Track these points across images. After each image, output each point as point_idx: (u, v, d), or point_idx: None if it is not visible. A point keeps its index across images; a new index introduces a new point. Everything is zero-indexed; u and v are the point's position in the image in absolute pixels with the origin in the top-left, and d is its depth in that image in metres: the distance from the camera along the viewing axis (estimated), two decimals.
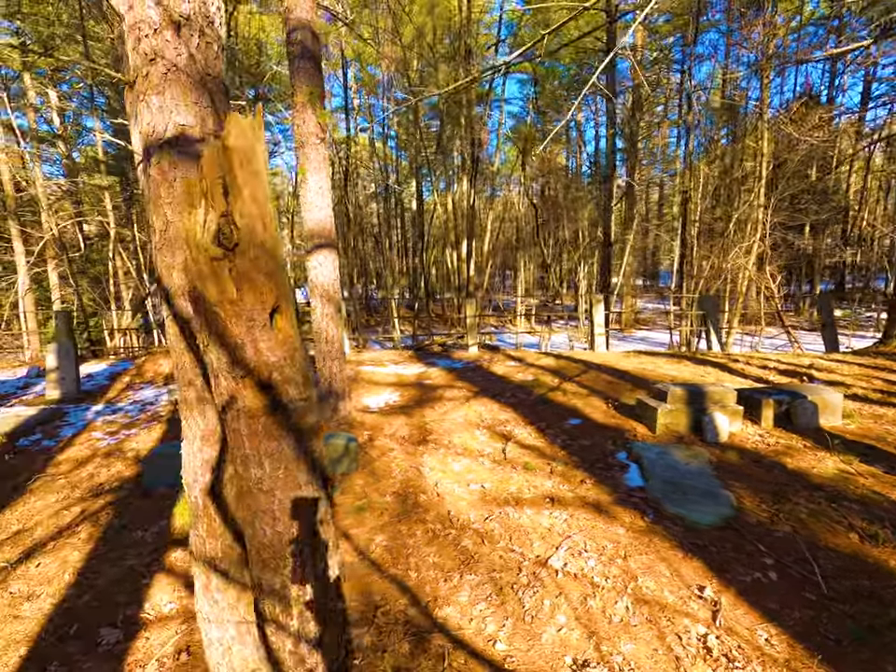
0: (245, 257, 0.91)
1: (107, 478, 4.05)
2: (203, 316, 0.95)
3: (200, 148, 1.24)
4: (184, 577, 2.86)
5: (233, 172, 0.86)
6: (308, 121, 3.97)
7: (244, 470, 1.05)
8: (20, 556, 3.05)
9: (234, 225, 0.89)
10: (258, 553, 1.13)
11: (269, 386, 0.99)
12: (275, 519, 1.08)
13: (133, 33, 1.18)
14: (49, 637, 2.43)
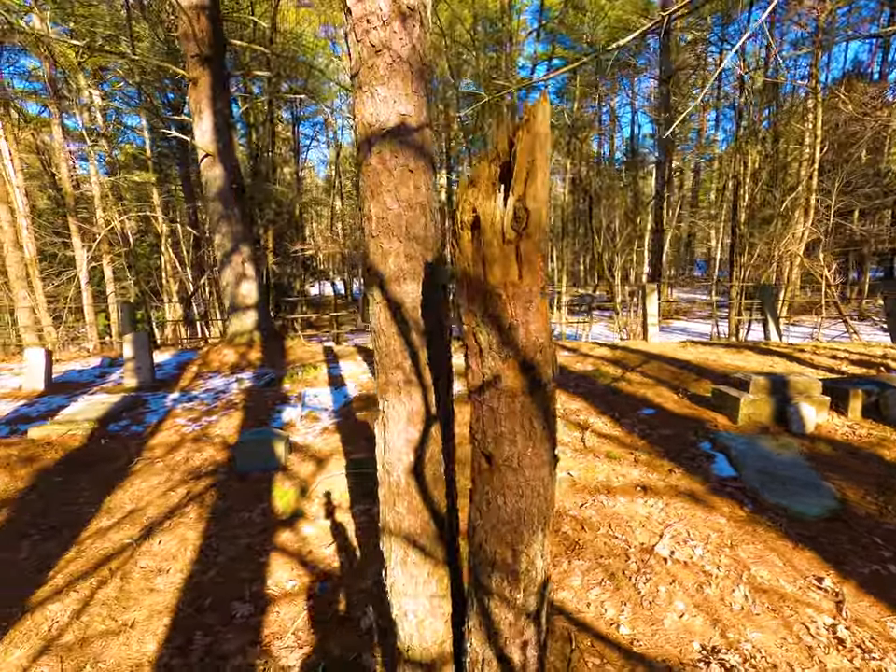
0: (531, 240, 0.93)
1: (201, 462, 4.22)
2: (479, 298, 0.98)
3: (418, 138, 1.27)
4: (297, 556, 2.98)
5: (534, 157, 0.89)
6: None
7: (494, 448, 1.09)
8: (140, 534, 3.22)
9: (526, 209, 0.91)
10: (493, 529, 1.17)
11: (531, 367, 1.02)
12: (521, 496, 1.12)
13: (360, 25, 1.21)
14: (186, 609, 2.58)
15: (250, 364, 7.23)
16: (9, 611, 2.58)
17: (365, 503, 3.51)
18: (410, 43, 1.21)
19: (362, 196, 1.31)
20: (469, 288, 1.00)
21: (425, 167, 1.29)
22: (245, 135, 17.36)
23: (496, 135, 0.92)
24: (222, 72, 7.22)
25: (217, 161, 7.19)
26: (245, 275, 7.63)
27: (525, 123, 0.88)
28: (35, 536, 3.25)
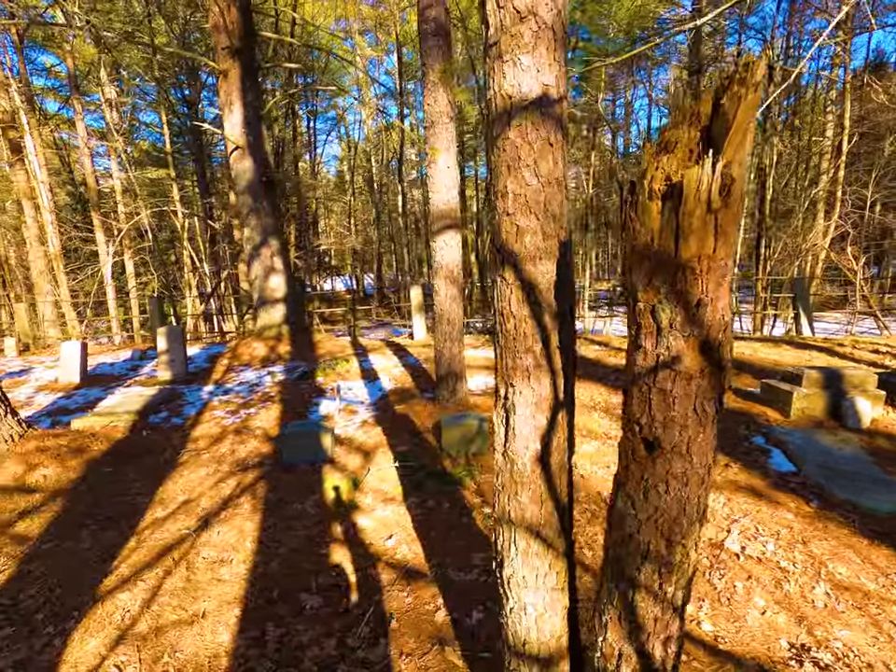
0: (730, 210, 0.87)
1: (247, 454, 4.21)
2: (664, 274, 0.93)
3: (558, 109, 1.21)
4: (358, 548, 2.95)
5: (748, 117, 0.82)
6: (440, 100, 3.94)
7: (663, 433, 1.03)
8: (198, 525, 3.22)
9: (731, 176, 0.85)
10: (649, 519, 1.11)
11: (713, 347, 0.96)
12: (685, 483, 1.06)
13: None
14: (256, 600, 2.56)
15: (280, 357, 7.23)
16: (80, 600, 2.57)
17: (418, 496, 3.48)
18: (556, 9, 1.15)
19: (495, 172, 1.25)
20: (651, 263, 0.94)
21: (562, 141, 1.23)
22: (267, 130, 17.31)
23: (696, 99, 0.86)
24: (252, 64, 7.18)
25: (247, 153, 7.16)
26: (274, 269, 7.62)
27: (742, 80, 0.81)
28: (92, 526, 3.26)
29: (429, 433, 4.42)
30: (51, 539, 3.12)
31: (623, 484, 1.17)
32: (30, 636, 2.38)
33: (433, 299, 4.44)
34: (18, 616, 2.51)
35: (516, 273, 1.27)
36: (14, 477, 3.67)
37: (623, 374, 4.01)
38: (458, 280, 4.34)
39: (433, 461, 3.92)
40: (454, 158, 4.12)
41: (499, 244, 1.29)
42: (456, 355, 4.56)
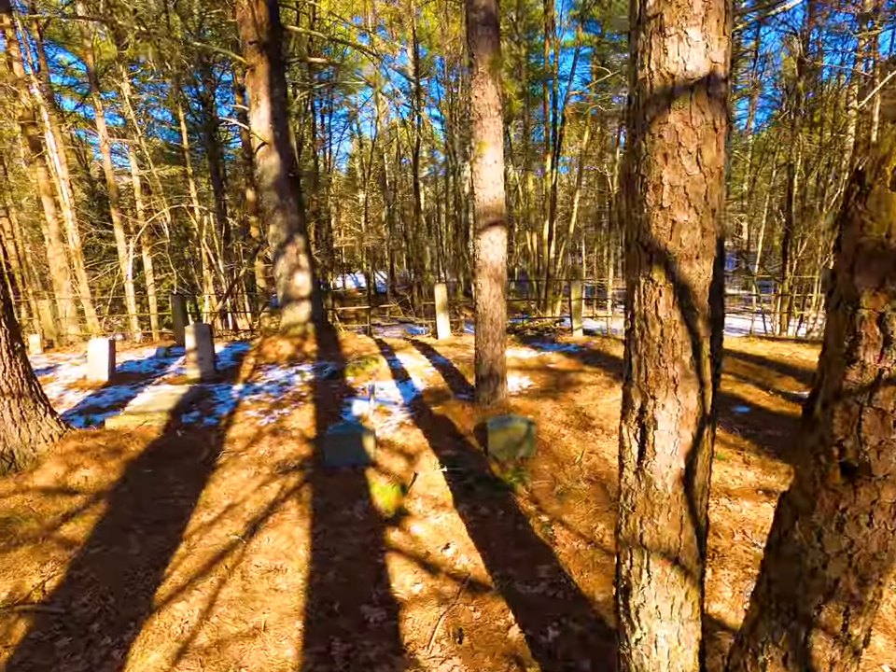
0: None
1: (286, 456, 4.12)
2: None
3: (724, 91, 1.08)
4: (415, 558, 2.84)
5: None
6: (488, 92, 3.80)
7: (875, 458, 0.90)
8: (246, 531, 3.12)
9: None
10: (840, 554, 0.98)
11: None
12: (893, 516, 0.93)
13: None
14: (316, 612, 2.46)
15: (307, 356, 7.14)
16: (136, 609, 2.49)
17: (469, 502, 3.36)
18: None
19: (646, 162, 1.13)
20: (885, 263, 0.81)
21: (725, 126, 1.10)
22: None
23: None
24: (279, 58, 7.08)
25: (274, 149, 7.07)
26: (300, 266, 7.53)
27: None
28: (139, 530, 3.18)
29: (471, 436, 4.30)
30: (99, 544, 3.04)
31: (806, 514, 1.04)
32: (88, 647, 2.29)
33: (475, 298, 4.31)
34: (73, 625, 2.43)
35: (668, 273, 1.14)
36: (56, 478, 3.60)
37: None
38: (503, 279, 4.21)
39: (480, 465, 3.81)
40: (500, 153, 3.99)
41: (647, 241, 1.16)
42: (499, 356, 4.43)
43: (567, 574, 2.64)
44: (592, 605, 2.43)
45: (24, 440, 3.63)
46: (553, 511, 3.21)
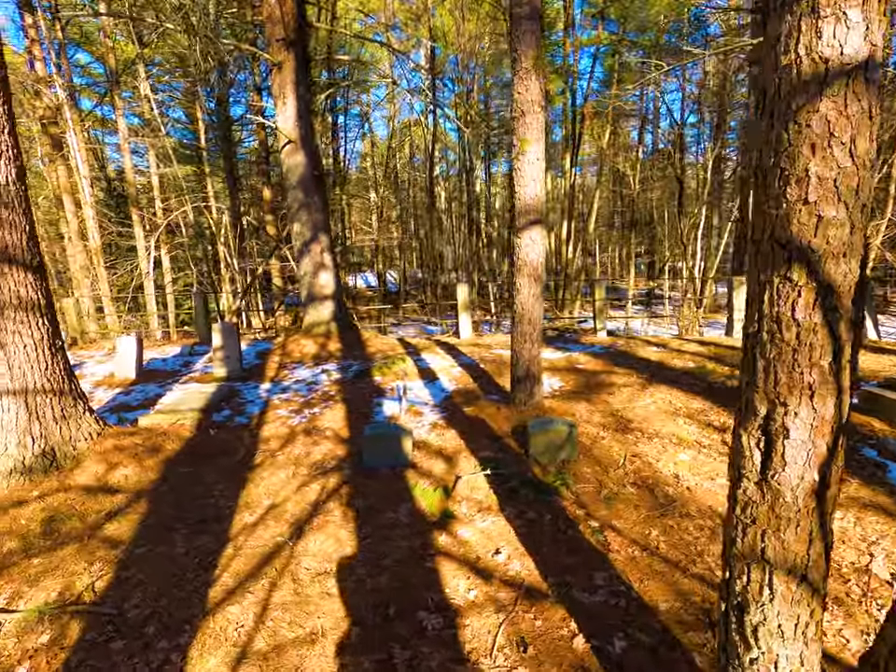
0: None
1: (322, 456, 4.08)
2: None
3: (879, 77, 1.01)
4: (466, 563, 2.79)
5: None
6: (532, 88, 3.73)
7: None
8: (291, 532, 3.08)
9: None
10: None
11: None
12: None
13: None
14: (372, 617, 2.41)
15: (331, 355, 7.11)
16: (189, 612, 2.45)
17: (514, 506, 3.30)
18: None
19: (791, 153, 1.06)
20: None
21: (877, 115, 1.03)
22: None
23: None
24: (305, 56, 7.05)
25: (300, 147, 7.04)
26: (324, 265, 7.50)
27: None
28: (183, 530, 3.15)
29: (509, 437, 4.24)
30: (144, 544, 3.02)
31: None
32: (144, 650, 2.26)
33: (514, 297, 4.25)
34: (126, 627, 2.40)
35: (809, 272, 1.07)
36: (96, 477, 3.58)
37: (697, 379, 3.77)
38: (542, 279, 4.14)
39: (521, 468, 3.74)
40: (542, 150, 3.92)
41: (786, 238, 1.09)
42: (535, 356, 4.37)
43: (626, 582, 2.57)
44: (656, 615, 2.35)
45: (65, 437, 3.62)
46: (601, 516, 3.14)
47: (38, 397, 3.46)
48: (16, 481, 3.34)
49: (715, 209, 20.70)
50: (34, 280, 3.42)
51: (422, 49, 23.46)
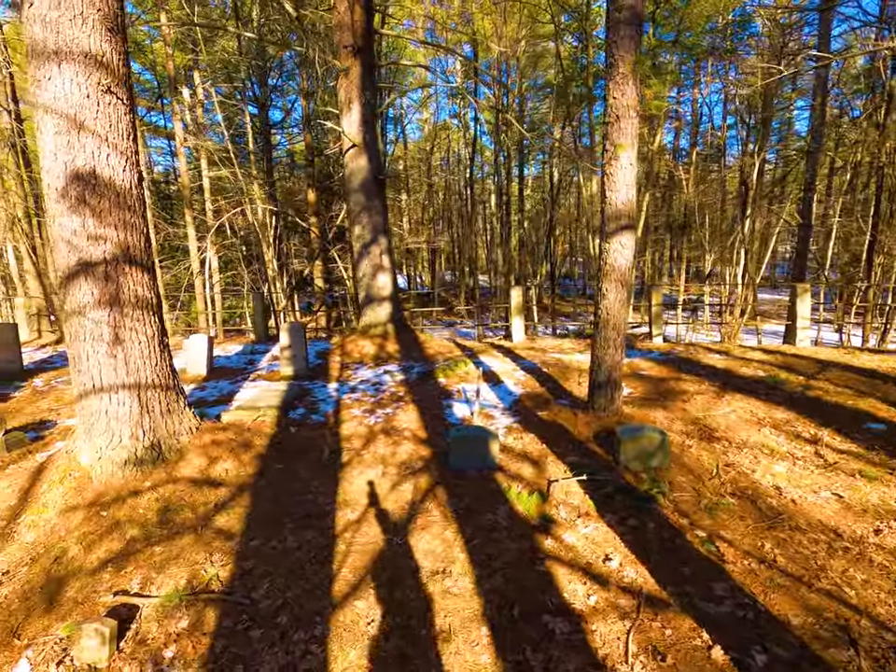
0: None
1: (408, 456, 4.14)
2: None
3: None
4: (579, 568, 2.79)
5: None
6: (628, 93, 3.72)
7: None
8: (396, 531, 3.14)
9: None
10: None
11: None
12: None
13: None
14: (497, 618, 2.43)
15: (391, 356, 7.20)
16: (318, 604, 2.53)
17: (613, 512, 3.28)
18: None
19: None
20: None
21: None
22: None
23: None
24: (371, 62, 7.19)
25: (363, 151, 7.17)
26: (382, 267, 7.61)
27: None
28: (290, 524, 3.24)
29: (591, 443, 4.22)
30: (255, 536, 3.12)
31: None
32: (282, 640, 2.34)
33: (599, 302, 4.23)
34: (259, 617, 2.49)
35: None
36: (200, 470, 3.72)
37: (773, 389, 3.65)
38: (629, 284, 4.12)
39: (613, 474, 3.72)
40: (635, 154, 3.90)
41: None
42: (618, 362, 4.34)
43: (749, 594, 2.53)
44: (789, 629, 2.31)
45: (170, 431, 3.77)
46: (706, 526, 3.10)
47: (149, 391, 3.62)
48: (129, 471, 3.50)
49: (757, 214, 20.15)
50: (148, 280, 3.58)
51: (456, 56, 23.62)
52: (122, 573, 2.83)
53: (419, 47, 23.48)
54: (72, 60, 2.99)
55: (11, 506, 3.44)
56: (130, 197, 3.36)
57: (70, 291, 3.29)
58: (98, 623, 2.31)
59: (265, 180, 18.99)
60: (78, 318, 3.32)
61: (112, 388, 3.44)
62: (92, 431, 3.49)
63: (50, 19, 2.93)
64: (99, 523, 3.17)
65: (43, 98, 3.04)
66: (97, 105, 3.12)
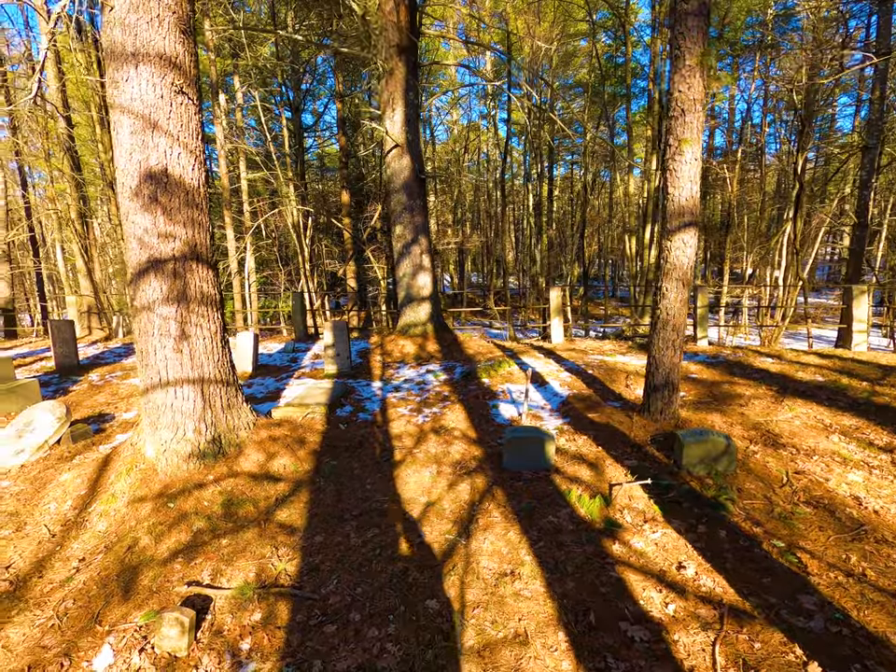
0: None
1: (461, 456, 4.11)
2: None
3: None
4: (651, 574, 2.70)
5: None
6: (695, 87, 3.61)
7: None
8: (458, 531, 3.11)
9: None
10: None
11: None
12: None
13: None
14: (573, 624, 2.37)
15: (432, 356, 7.19)
16: (387, 602, 2.51)
17: (681, 518, 3.17)
18: None
19: None
20: None
21: None
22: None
23: None
24: (415, 62, 7.21)
25: (406, 151, 7.19)
26: (423, 267, 7.62)
27: None
28: (352, 521, 3.25)
29: (649, 446, 4.10)
30: (318, 532, 3.13)
31: None
32: (356, 637, 2.33)
33: (658, 302, 4.11)
34: (331, 612, 2.49)
35: None
36: (259, 465, 3.77)
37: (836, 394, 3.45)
38: (691, 283, 3.99)
39: (676, 479, 3.60)
40: (699, 150, 3.78)
41: None
42: (676, 364, 4.21)
43: (840, 609, 2.40)
44: (889, 648, 2.18)
45: (229, 426, 3.83)
46: (783, 536, 2.96)
47: (211, 386, 3.68)
48: (193, 465, 3.57)
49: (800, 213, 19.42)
50: (212, 276, 3.65)
51: (487, 55, 23.58)
52: (192, 564, 2.88)
53: (449, 48, 23.55)
54: (148, 61, 3.08)
55: (81, 495, 3.54)
56: (198, 195, 3.44)
57: (140, 287, 3.38)
58: (178, 612, 2.34)
59: (299, 182, 19.34)
60: (147, 314, 3.41)
61: (178, 383, 3.51)
62: (158, 424, 3.57)
63: (129, 22, 3.02)
64: (167, 514, 3.24)
65: (120, 99, 3.13)
66: (170, 105, 3.19)
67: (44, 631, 2.45)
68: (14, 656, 2.31)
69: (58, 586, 2.75)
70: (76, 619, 2.53)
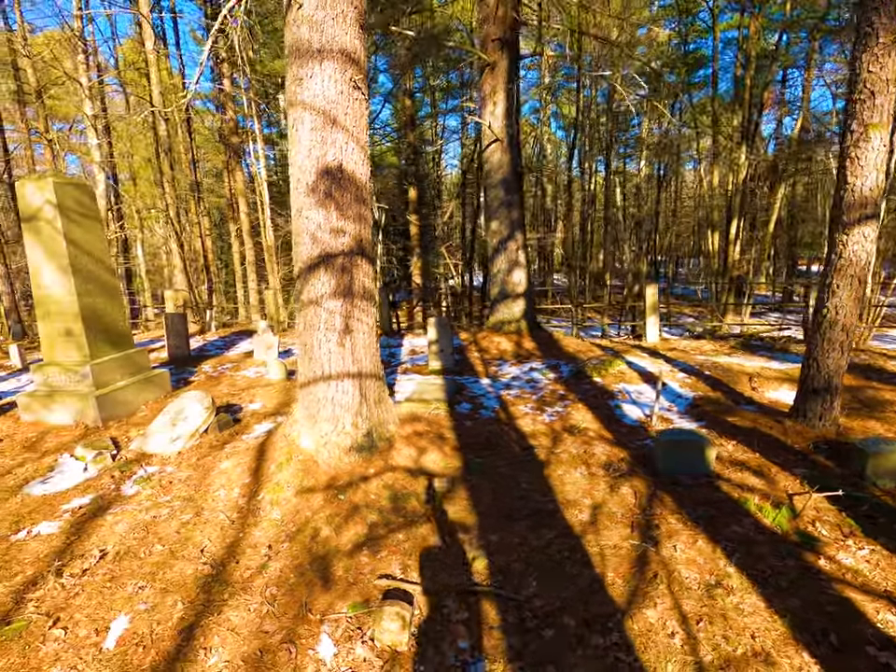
0: None
1: (606, 458, 3.98)
2: None
3: None
4: (877, 595, 2.48)
5: None
6: (889, 66, 3.33)
7: None
8: (639, 536, 2.99)
9: None
10: None
11: None
12: None
13: None
14: (815, 646, 2.20)
15: (530, 354, 7.09)
16: (601, 609, 2.43)
17: (888, 536, 2.92)
18: None
19: None
20: None
21: None
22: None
23: None
24: (517, 54, 7.09)
25: (506, 146, 7.10)
26: (518, 263, 7.51)
27: None
28: (521, 521, 3.19)
29: (813, 454, 3.84)
30: (493, 531, 3.09)
31: None
32: (580, 644, 2.26)
33: (827, 300, 3.84)
34: (542, 615, 2.43)
35: None
36: (412, 459, 3.78)
37: None
38: (867, 281, 3.70)
39: (860, 492, 3.34)
40: (887, 136, 3.48)
41: None
42: (842, 367, 3.92)
43: None
44: None
45: (381, 420, 3.86)
46: None
47: (367, 380, 3.72)
48: (353, 457, 3.62)
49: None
50: (372, 272, 3.68)
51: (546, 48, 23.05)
52: (378, 557, 2.90)
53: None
54: (332, 57, 3.11)
55: (246, 483, 3.65)
56: (365, 190, 3.46)
57: (309, 282, 3.44)
58: (398, 606, 2.35)
59: None
60: (315, 308, 3.47)
61: (339, 376, 3.56)
62: (318, 417, 3.64)
63: (317, 19, 3.06)
64: (339, 506, 3.29)
65: (303, 96, 3.18)
66: (348, 100, 3.22)
67: (261, 616, 2.51)
68: (242, 639, 2.38)
69: (255, 572, 2.83)
70: (286, 605, 2.58)
